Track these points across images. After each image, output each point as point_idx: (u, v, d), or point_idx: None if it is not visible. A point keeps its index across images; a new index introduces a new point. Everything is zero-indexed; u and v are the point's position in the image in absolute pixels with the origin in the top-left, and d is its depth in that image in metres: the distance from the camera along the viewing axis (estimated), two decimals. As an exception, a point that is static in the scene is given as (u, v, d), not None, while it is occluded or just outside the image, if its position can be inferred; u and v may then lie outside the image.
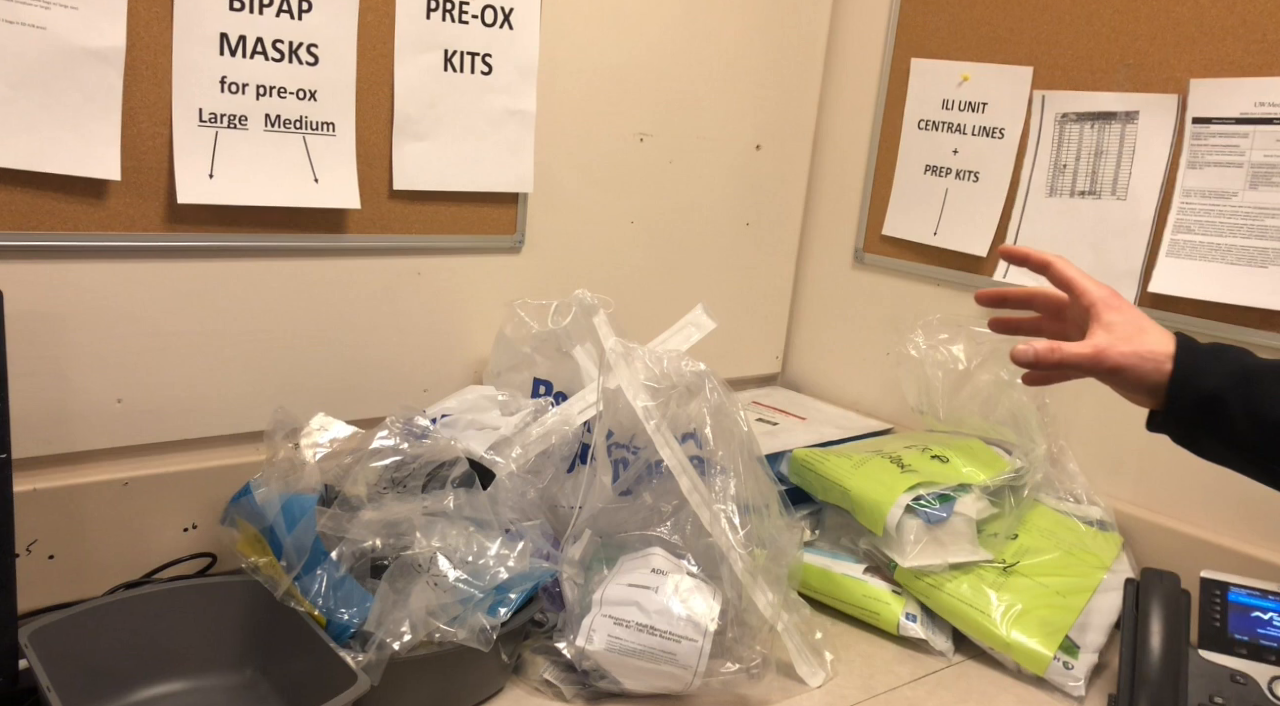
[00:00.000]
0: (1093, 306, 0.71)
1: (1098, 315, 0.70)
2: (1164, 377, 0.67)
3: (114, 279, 1.00)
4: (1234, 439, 0.66)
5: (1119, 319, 0.69)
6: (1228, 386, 0.65)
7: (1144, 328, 0.69)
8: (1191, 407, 0.66)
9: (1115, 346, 0.68)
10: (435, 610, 0.87)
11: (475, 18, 1.15)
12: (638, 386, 1.03)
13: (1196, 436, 0.68)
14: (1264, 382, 0.65)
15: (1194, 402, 0.66)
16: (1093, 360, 0.68)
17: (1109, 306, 0.70)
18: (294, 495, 0.93)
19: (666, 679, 0.95)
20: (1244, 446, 0.66)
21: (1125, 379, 0.68)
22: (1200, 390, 0.66)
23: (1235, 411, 0.65)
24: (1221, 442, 0.67)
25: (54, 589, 0.97)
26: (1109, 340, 0.68)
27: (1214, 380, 0.66)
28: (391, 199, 1.15)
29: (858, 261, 1.55)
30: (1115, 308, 0.70)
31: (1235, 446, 0.67)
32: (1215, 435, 0.67)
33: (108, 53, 0.92)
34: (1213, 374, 0.66)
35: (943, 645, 1.10)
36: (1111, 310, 0.70)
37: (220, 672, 0.92)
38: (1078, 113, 1.27)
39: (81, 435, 1.01)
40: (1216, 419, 0.66)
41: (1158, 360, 0.67)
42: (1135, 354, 0.67)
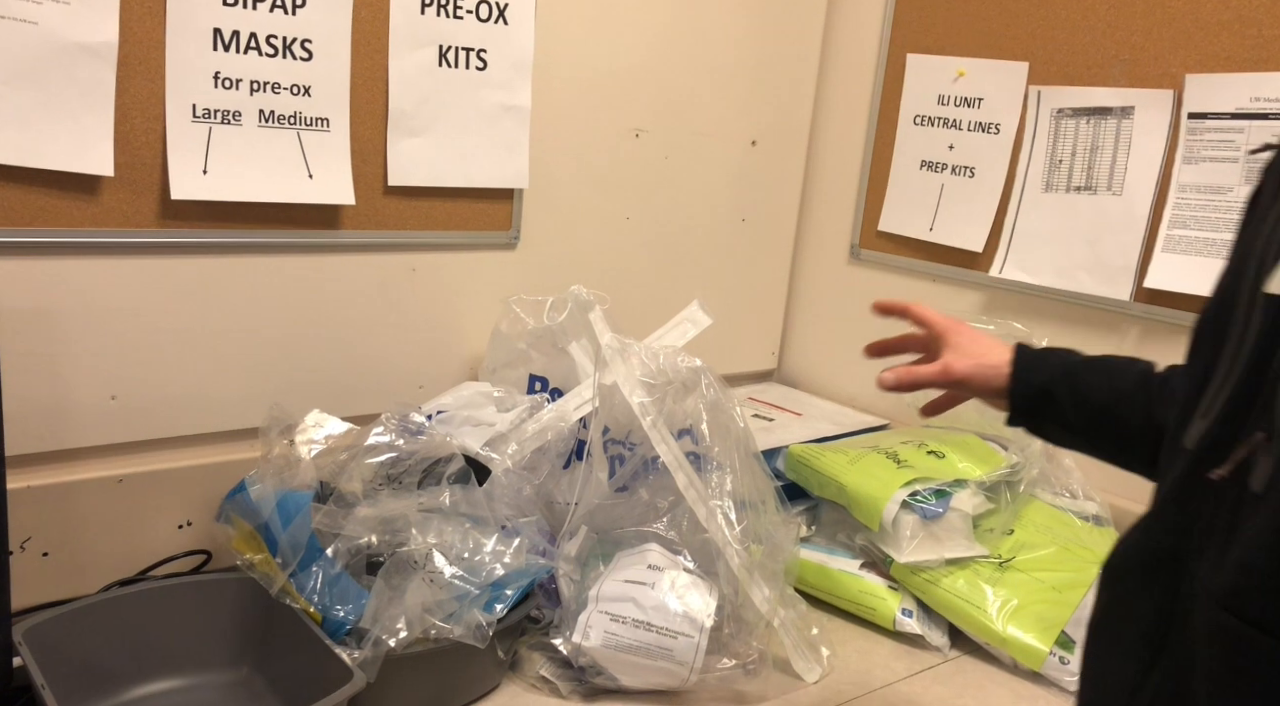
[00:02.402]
0: (943, 334, 0.83)
1: (946, 340, 0.83)
2: (1005, 382, 0.78)
3: (107, 275, 0.99)
4: (1066, 422, 0.77)
5: (963, 341, 0.82)
6: (1055, 380, 0.77)
7: (984, 344, 0.81)
8: (1031, 401, 0.78)
9: (959, 361, 0.80)
10: (431, 607, 0.87)
11: (470, 13, 1.15)
12: (634, 382, 1.03)
13: (1041, 425, 0.79)
14: (1083, 375, 0.77)
15: (1031, 397, 0.77)
16: (941, 374, 0.80)
17: (954, 332, 0.83)
18: (289, 492, 0.93)
19: (663, 675, 0.95)
20: (1076, 430, 0.77)
21: (974, 386, 0.80)
22: (1034, 385, 0.77)
23: (1063, 400, 0.76)
24: (1060, 428, 0.78)
25: (48, 586, 0.97)
26: (954, 357, 0.81)
27: (1043, 376, 0.77)
28: (386, 195, 1.14)
29: (853, 257, 1.55)
30: (959, 332, 0.83)
31: (1068, 429, 0.77)
32: (1052, 421, 0.78)
33: (100, 48, 0.92)
34: (1042, 371, 0.78)
35: (939, 640, 1.10)
36: (956, 334, 0.83)
37: (215, 670, 0.92)
38: (1073, 108, 1.27)
39: (75, 432, 1.00)
40: (1051, 408, 0.77)
41: (997, 367, 0.79)
42: (976, 364, 0.80)
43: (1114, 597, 0.60)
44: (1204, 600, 0.50)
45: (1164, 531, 0.55)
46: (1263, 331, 0.50)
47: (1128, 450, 0.75)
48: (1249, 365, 0.51)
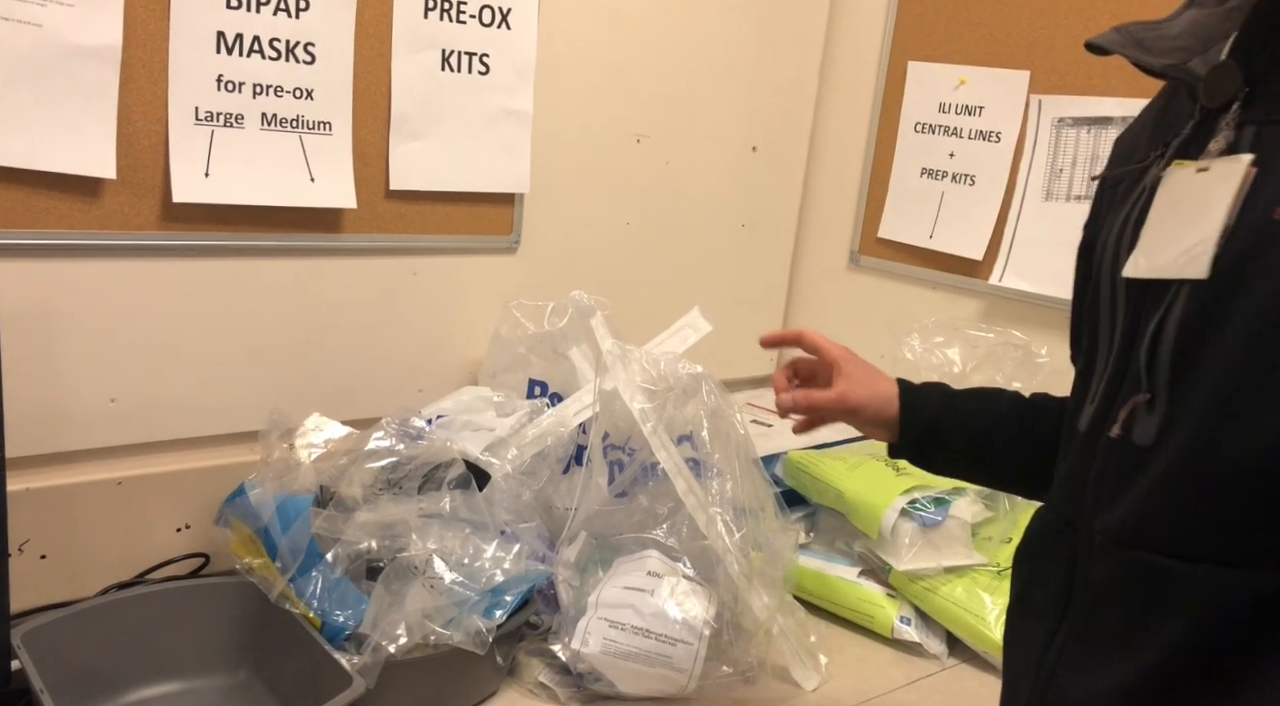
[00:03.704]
0: (835, 363, 0.86)
1: (839, 369, 0.85)
2: (894, 413, 0.82)
3: (108, 278, 0.99)
4: (952, 451, 0.82)
5: (855, 371, 0.85)
6: (940, 410, 0.81)
7: (875, 376, 0.85)
8: (920, 432, 0.81)
9: (855, 390, 0.83)
10: (431, 612, 0.87)
11: (473, 17, 1.15)
12: (634, 388, 1.03)
13: (927, 454, 0.83)
14: (963, 404, 0.82)
15: (921, 428, 0.81)
16: (837, 401, 0.83)
17: (847, 361, 0.86)
18: (289, 496, 0.93)
19: (662, 682, 0.95)
20: (960, 456, 0.82)
21: (864, 416, 0.83)
22: (922, 417, 0.81)
23: (949, 430, 0.81)
24: (945, 455, 0.82)
25: (46, 589, 0.97)
26: (849, 386, 0.84)
27: (930, 408, 0.82)
28: (388, 198, 1.14)
29: (853, 264, 1.55)
30: (853, 362, 0.86)
31: (955, 457, 0.82)
32: (940, 449, 0.82)
33: (104, 50, 0.92)
34: (928, 404, 0.82)
35: (937, 648, 1.10)
36: (850, 364, 0.85)
37: (214, 674, 0.92)
38: (1074, 117, 1.27)
39: (74, 434, 1.00)
40: (938, 437, 0.81)
41: (887, 399, 0.82)
42: (870, 394, 0.83)
43: (1024, 576, 0.66)
44: (1105, 547, 0.56)
45: (1062, 503, 0.61)
46: (1128, 313, 0.56)
47: (1005, 469, 0.81)
48: (1120, 345, 0.57)
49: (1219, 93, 0.54)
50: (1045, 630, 0.61)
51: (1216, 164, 0.52)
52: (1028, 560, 0.66)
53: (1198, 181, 0.53)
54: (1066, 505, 0.60)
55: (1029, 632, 0.63)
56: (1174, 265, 0.52)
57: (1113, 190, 0.64)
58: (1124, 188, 0.61)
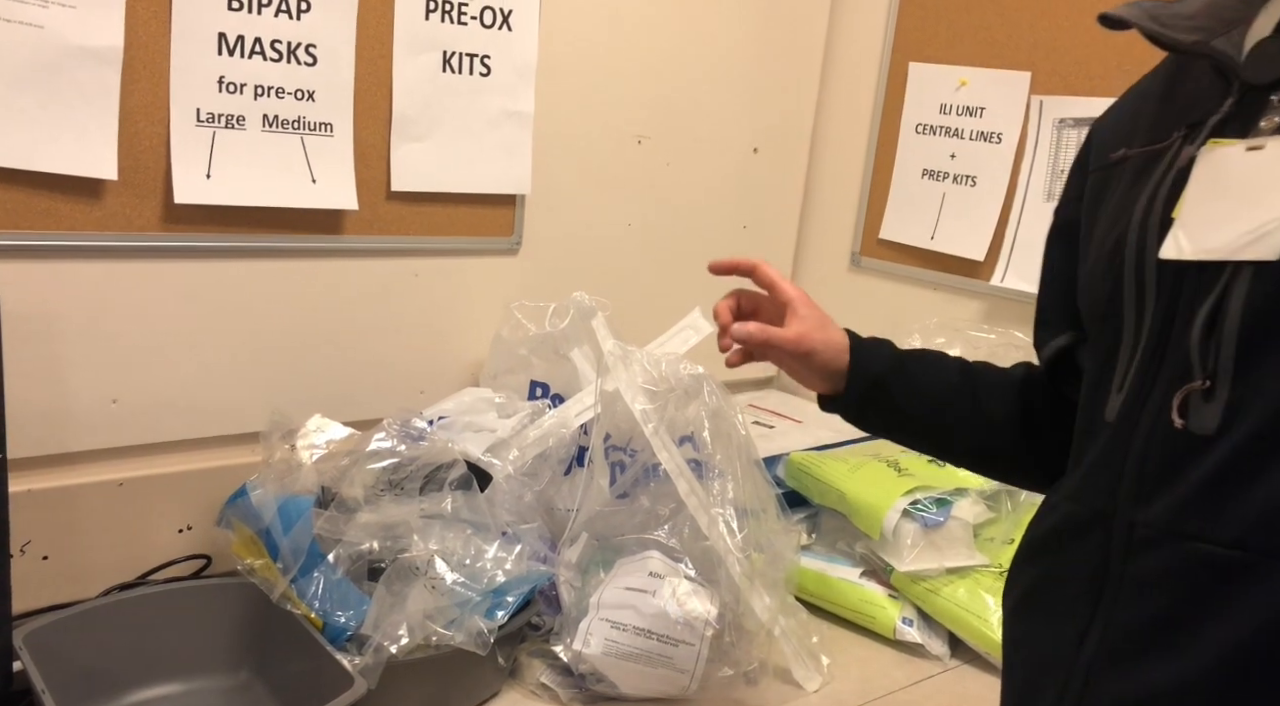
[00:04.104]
0: (790, 302, 0.83)
1: (794, 310, 0.83)
2: (843, 365, 0.80)
3: (110, 279, 0.99)
4: (896, 412, 0.80)
5: (810, 314, 0.83)
6: (888, 369, 0.80)
7: (827, 322, 0.83)
8: (865, 388, 0.80)
9: (813, 333, 0.81)
10: (432, 613, 0.87)
11: (474, 19, 1.15)
12: (636, 389, 1.03)
13: (868, 412, 0.82)
14: (911, 365, 0.80)
15: (867, 384, 0.80)
16: (794, 342, 0.81)
17: (803, 303, 0.83)
18: (290, 497, 0.93)
19: (663, 682, 0.95)
20: (903, 418, 0.81)
21: (814, 362, 0.81)
22: (870, 374, 0.80)
23: (895, 390, 0.79)
24: (887, 415, 0.81)
25: (48, 590, 0.97)
26: (807, 328, 0.82)
27: (879, 365, 0.80)
28: (389, 200, 1.15)
29: (854, 265, 1.55)
30: (807, 304, 0.84)
31: (898, 418, 0.81)
32: (883, 409, 0.81)
33: (105, 52, 0.92)
34: (877, 360, 0.80)
35: (939, 649, 1.10)
36: (805, 306, 0.83)
37: (215, 675, 0.92)
38: (1076, 118, 1.27)
39: (76, 435, 1.00)
40: (883, 396, 0.80)
41: (839, 349, 0.81)
42: (824, 342, 0.81)
43: (1041, 571, 0.63)
44: (1152, 539, 0.54)
45: (1091, 495, 0.58)
46: (1162, 297, 0.54)
47: (949, 438, 0.80)
48: (1155, 330, 0.55)
49: (1268, 70, 0.53)
50: (1072, 629, 0.58)
51: (1273, 142, 0.51)
52: (1041, 555, 0.63)
53: (1251, 160, 0.52)
54: (1097, 496, 0.58)
55: (1045, 633, 0.61)
56: (1232, 246, 0.50)
57: (1106, 173, 0.62)
58: (1133, 171, 0.60)
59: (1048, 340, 0.71)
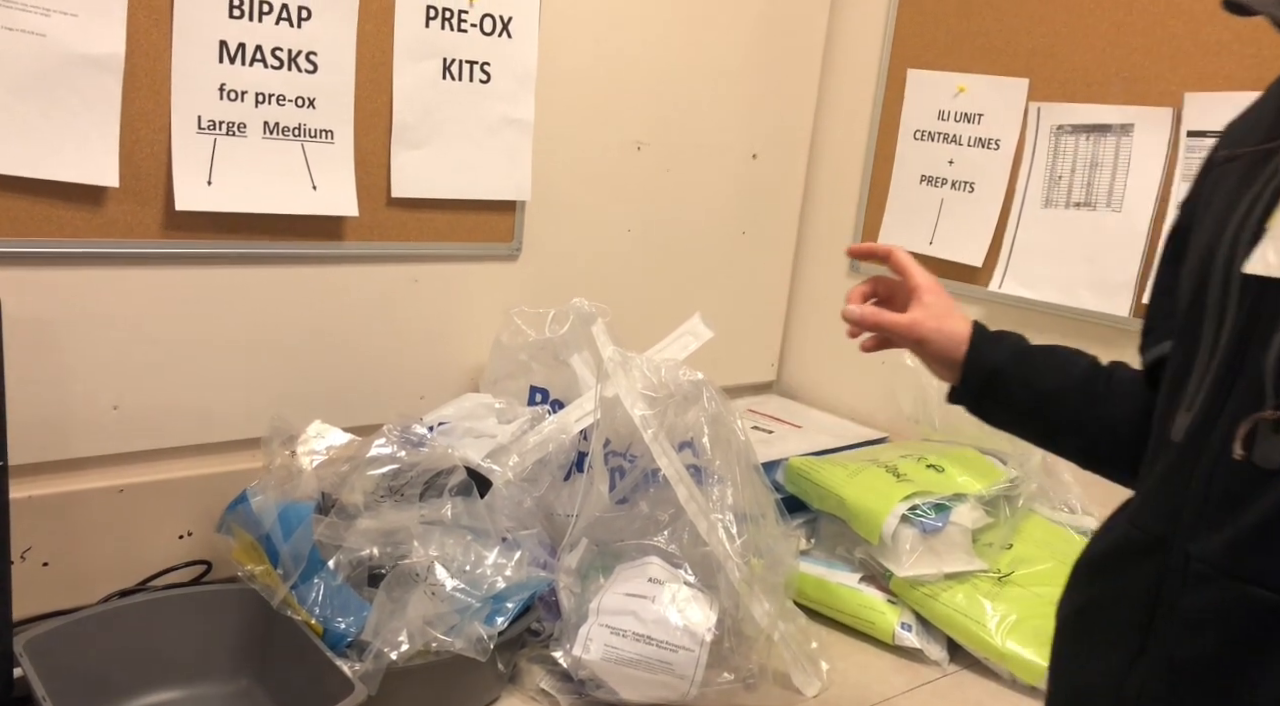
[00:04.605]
0: (916, 289, 0.83)
1: (919, 297, 0.82)
2: (960, 356, 0.79)
3: (111, 285, 1.00)
4: (1013, 407, 0.79)
5: (935, 301, 0.82)
6: (1009, 363, 0.78)
7: (952, 312, 0.82)
8: (982, 381, 0.79)
9: (927, 322, 0.80)
10: (432, 619, 0.87)
11: (474, 26, 1.15)
12: (635, 395, 1.03)
13: (984, 405, 0.80)
14: (1035, 360, 0.78)
15: (984, 376, 0.78)
16: (907, 327, 0.81)
17: (930, 290, 0.83)
18: (291, 503, 0.93)
19: (663, 688, 0.95)
20: (1020, 413, 0.79)
21: (929, 349, 0.81)
22: (988, 366, 0.78)
23: (1014, 384, 0.77)
24: (1005, 409, 0.80)
25: (48, 596, 0.97)
26: (924, 316, 0.81)
27: (998, 357, 0.78)
28: (389, 206, 1.15)
29: (853, 270, 1.56)
30: (935, 292, 0.83)
31: (1015, 413, 0.79)
32: (1000, 403, 0.79)
33: (107, 60, 0.92)
34: (998, 353, 0.79)
35: (938, 654, 1.11)
36: (931, 294, 0.82)
37: (215, 681, 0.92)
38: (1073, 125, 1.28)
39: (77, 441, 1.00)
40: (1000, 390, 0.78)
41: (957, 340, 0.80)
42: (939, 331, 0.80)
43: (1095, 591, 0.61)
44: (1204, 575, 0.51)
45: (1152, 519, 0.56)
46: (1240, 313, 0.51)
47: (1063, 437, 0.78)
48: (1229, 349, 0.52)
49: None
50: (1122, 655, 0.56)
51: None
52: (1098, 574, 0.61)
53: None
54: (1156, 521, 0.55)
55: (1101, 662, 0.58)
56: None
57: (1218, 173, 0.59)
58: (1239, 173, 0.56)
59: (1149, 346, 0.68)
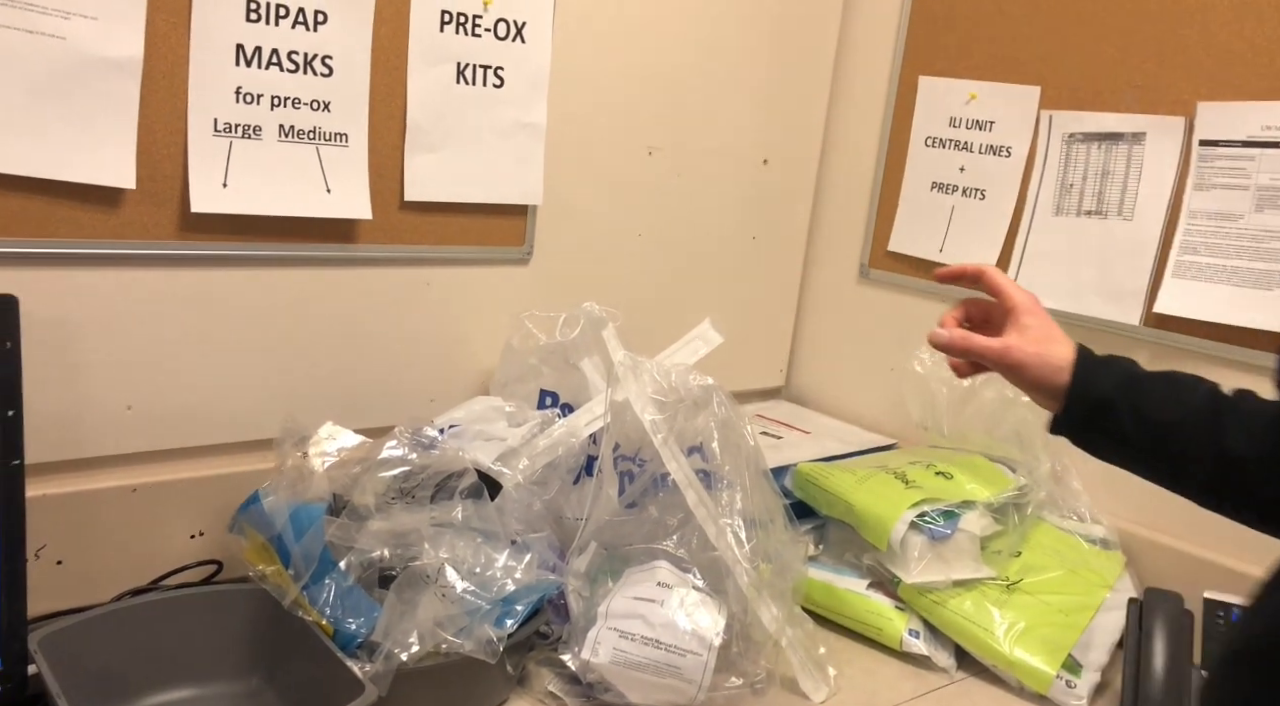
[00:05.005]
0: (1013, 310, 0.78)
1: (1016, 318, 0.77)
2: (1062, 384, 0.73)
3: (127, 286, 1.00)
4: (1123, 439, 0.72)
5: (1033, 323, 0.76)
6: (1118, 393, 0.72)
7: (1052, 336, 0.75)
8: (1087, 411, 0.73)
9: (1022, 347, 0.75)
10: (443, 621, 0.87)
11: (488, 31, 1.16)
12: (645, 400, 1.03)
13: (1091, 437, 0.75)
14: (1148, 390, 0.72)
15: (1089, 407, 0.73)
16: (999, 353, 0.76)
17: (1027, 311, 0.77)
18: (302, 504, 0.93)
19: (671, 692, 0.95)
20: (1132, 446, 0.73)
21: (1025, 376, 0.75)
22: (1094, 396, 0.73)
23: (1123, 415, 0.71)
24: (1113, 442, 0.73)
25: (61, 594, 0.97)
26: (1019, 340, 0.76)
27: (1106, 387, 0.73)
28: (402, 209, 1.16)
29: (863, 276, 1.56)
30: (1033, 313, 0.77)
31: (1125, 446, 0.73)
32: (1108, 435, 0.73)
33: (125, 63, 0.93)
34: (1105, 381, 0.73)
35: (946, 661, 1.11)
36: (1029, 315, 0.77)
37: (226, 680, 0.92)
38: (1085, 133, 1.28)
39: (91, 441, 1.01)
40: (1108, 421, 0.72)
41: (1057, 367, 0.74)
42: (1037, 356, 0.74)
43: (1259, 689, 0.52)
44: None
45: None
46: None
47: (1185, 473, 0.71)
48: None
49: None
50: None
51: None
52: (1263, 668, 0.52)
53: None
54: None
55: None
56: None
57: None
58: None
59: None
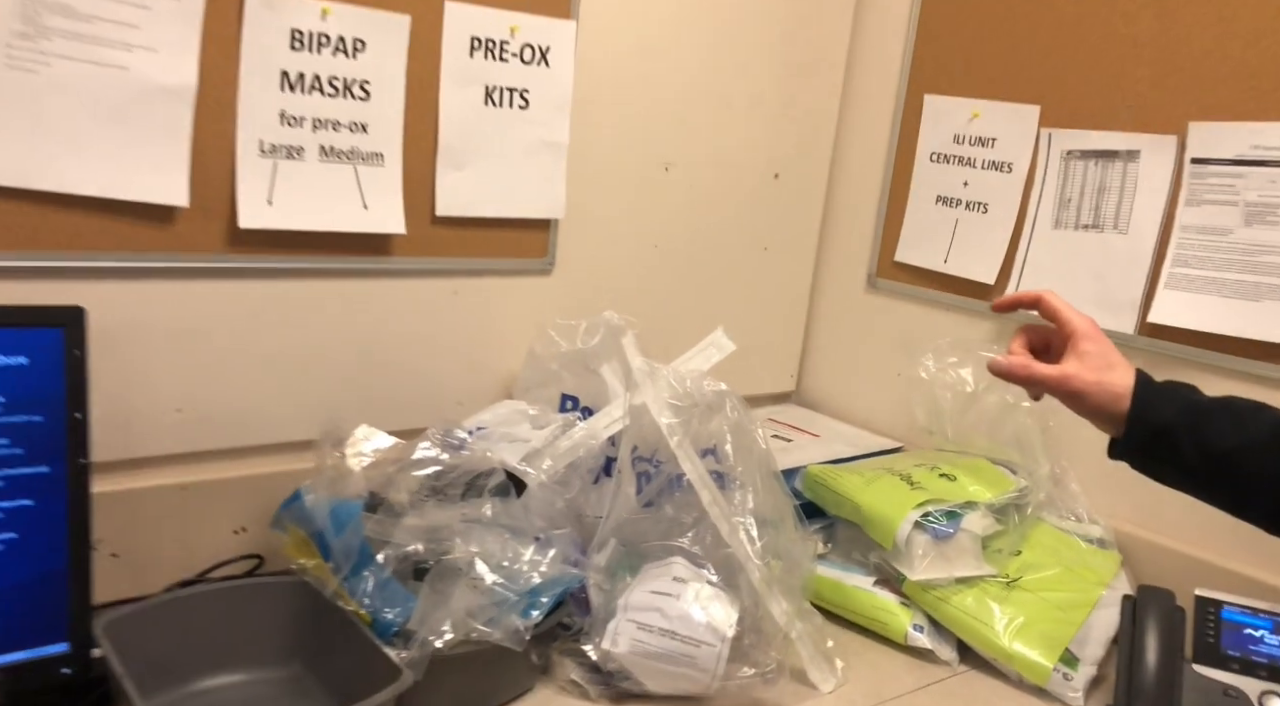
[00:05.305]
0: (1073, 335, 0.77)
1: (1075, 344, 0.77)
2: (1122, 411, 0.73)
3: (178, 297, 1.06)
4: (1184, 467, 0.72)
5: (1093, 350, 0.76)
6: (1178, 421, 0.71)
7: (1112, 362, 0.75)
8: (1146, 439, 0.73)
9: (1082, 374, 0.75)
10: (474, 611, 0.92)
11: (515, 56, 1.22)
12: (662, 404, 1.08)
13: (1151, 464, 0.75)
14: (1209, 417, 0.72)
15: (1149, 435, 0.73)
16: (1059, 381, 0.75)
17: (1087, 337, 0.77)
18: (341, 501, 0.98)
19: (686, 681, 0.99)
20: (1193, 473, 0.73)
21: (1085, 404, 0.75)
22: (1154, 424, 0.72)
23: (1184, 443, 0.71)
24: (1174, 469, 0.73)
25: (116, 585, 1.02)
26: (1078, 368, 0.75)
27: (1166, 415, 0.72)
28: (433, 224, 1.21)
29: (871, 286, 1.60)
30: (1092, 338, 0.77)
31: (1186, 473, 0.73)
32: (1168, 463, 0.73)
33: (181, 90, 0.99)
34: (1165, 409, 0.73)
35: (948, 655, 1.14)
36: (1088, 341, 0.76)
37: (270, 666, 0.97)
38: (1082, 150, 1.32)
39: (143, 442, 1.07)
40: (1168, 449, 0.72)
41: (1116, 394, 0.74)
42: (1097, 384, 0.74)
43: None
44: None
45: None
46: None
47: (1250, 502, 0.71)
48: None
49: None
50: None
51: None
52: None
53: None
54: None
55: None
56: None
57: None
58: None
59: None
